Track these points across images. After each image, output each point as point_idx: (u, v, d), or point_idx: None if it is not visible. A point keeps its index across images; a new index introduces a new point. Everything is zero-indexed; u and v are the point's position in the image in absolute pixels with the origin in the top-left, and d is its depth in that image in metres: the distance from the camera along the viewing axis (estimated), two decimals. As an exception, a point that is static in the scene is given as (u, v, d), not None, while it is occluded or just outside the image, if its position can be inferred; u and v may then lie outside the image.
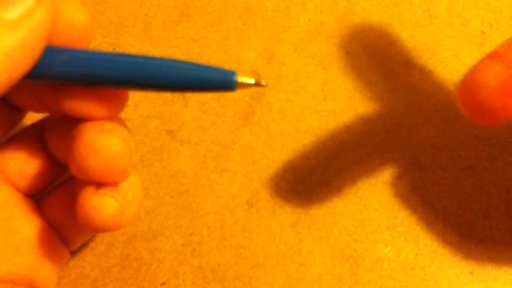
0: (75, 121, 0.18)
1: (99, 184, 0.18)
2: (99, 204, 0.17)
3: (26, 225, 0.20)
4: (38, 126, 0.21)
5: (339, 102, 0.28)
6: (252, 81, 0.17)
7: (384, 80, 0.29)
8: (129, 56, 0.17)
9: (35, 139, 0.20)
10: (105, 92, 0.17)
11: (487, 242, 0.25)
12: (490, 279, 0.24)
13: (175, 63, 0.16)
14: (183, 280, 0.24)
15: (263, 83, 0.17)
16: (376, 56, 0.29)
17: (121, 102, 0.18)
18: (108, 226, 0.17)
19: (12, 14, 0.14)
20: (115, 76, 0.16)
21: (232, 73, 0.17)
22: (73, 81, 0.17)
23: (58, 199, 0.21)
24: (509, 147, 0.27)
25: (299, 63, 0.29)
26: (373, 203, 0.26)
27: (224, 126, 0.27)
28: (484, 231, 0.25)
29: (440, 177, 0.26)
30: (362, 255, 0.25)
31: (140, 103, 0.28)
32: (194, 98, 0.28)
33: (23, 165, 0.20)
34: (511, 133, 0.27)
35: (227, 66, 0.29)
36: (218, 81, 0.17)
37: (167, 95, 0.28)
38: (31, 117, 0.22)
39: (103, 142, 0.17)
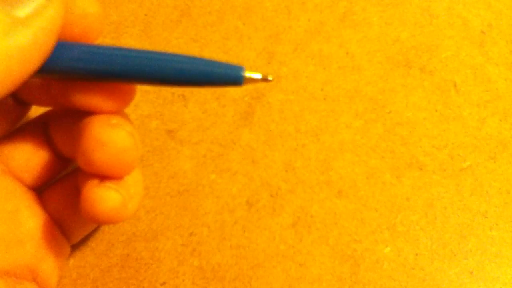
0: (81, 115, 0.18)
1: (104, 177, 0.18)
2: (103, 197, 0.17)
3: (30, 217, 0.20)
4: (42, 120, 0.21)
5: (339, 102, 0.28)
6: (259, 76, 0.17)
7: (384, 80, 0.29)
8: (137, 51, 0.17)
9: (40, 133, 0.21)
10: (113, 86, 0.18)
11: (487, 242, 0.25)
12: (490, 279, 0.24)
13: (184, 58, 0.17)
14: (183, 280, 0.24)
15: (269, 78, 0.17)
16: (376, 56, 0.29)
17: (128, 96, 0.18)
18: (111, 218, 0.17)
19: (23, 12, 0.15)
20: (124, 71, 0.16)
21: (240, 69, 0.17)
22: (83, 76, 0.17)
23: (60, 192, 0.21)
24: (509, 147, 0.27)
25: (299, 63, 0.29)
26: (373, 203, 0.26)
27: (224, 126, 0.27)
28: (484, 231, 0.25)
29: (440, 177, 0.26)
30: (362, 255, 0.25)
31: (140, 103, 0.28)
32: (194, 98, 0.28)
33: (28, 158, 0.20)
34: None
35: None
36: (227, 76, 0.17)
37: (167, 95, 0.28)
38: (35, 111, 0.22)
39: (110, 136, 0.17)
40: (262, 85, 0.28)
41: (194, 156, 0.27)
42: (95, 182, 0.18)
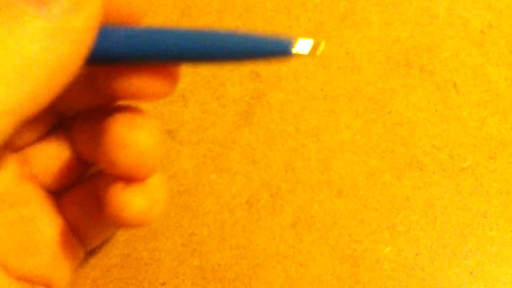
0: (104, 116, 0.18)
1: (127, 179, 0.18)
2: (129, 202, 0.17)
3: (47, 224, 0.20)
4: (66, 123, 0.21)
5: (339, 102, 0.28)
6: (308, 49, 0.17)
7: (384, 80, 0.29)
8: (185, 30, 0.17)
9: (63, 136, 0.21)
10: (159, 69, 0.17)
11: (487, 242, 0.25)
12: (490, 279, 0.24)
13: (232, 34, 0.17)
14: (183, 280, 0.24)
15: (318, 52, 0.17)
16: (376, 56, 0.29)
17: (174, 78, 0.18)
18: (137, 223, 0.17)
19: (61, 13, 0.14)
20: (176, 51, 0.16)
21: (289, 42, 0.17)
22: (134, 60, 0.17)
23: (79, 197, 0.21)
24: (509, 147, 0.27)
25: (299, 63, 0.29)
26: (373, 203, 0.26)
27: (224, 126, 0.27)
28: (484, 231, 0.25)
29: (440, 177, 0.26)
30: (362, 255, 0.25)
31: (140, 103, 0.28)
32: (194, 98, 0.28)
33: (50, 161, 0.20)
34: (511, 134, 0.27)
35: (227, 66, 0.29)
36: (275, 51, 0.17)
37: (167, 95, 0.28)
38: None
39: (134, 137, 0.17)
40: (262, 85, 0.28)
41: (194, 156, 0.27)
42: (120, 186, 0.17)
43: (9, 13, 0.14)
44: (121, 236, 0.25)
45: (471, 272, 0.24)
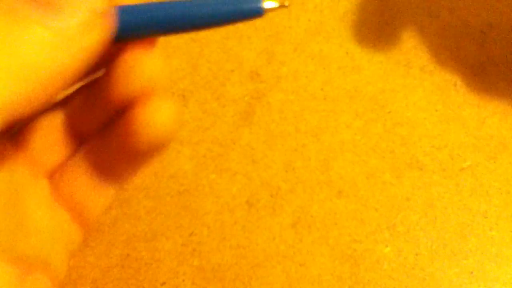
0: (100, 90, 0.18)
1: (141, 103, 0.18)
2: (152, 112, 0.18)
3: (41, 207, 0.20)
4: (62, 104, 0.21)
5: (339, 102, 0.28)
6: (277, 4, 0.18)
7: (384, 80, 0.29)
8: (159, 3, 0.18)
9: (59, 114, 0.21)
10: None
11: (487, 242, 0.25)
12: (490, 279, 0.24)
13: (205, 3, 0.18)
14: (183, 280, 0.24)
15: (286, 3, 0.18)
16: (376, 56, 0.29)
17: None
18: (164, 134, 0.18)
19: (69, 25, 0.15)
20: (168, 24, 0.17)
21: (258, 1, 0.18)
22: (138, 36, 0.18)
23: (71, 173, 0.21)
24: (509, 147, 0.27)
25: (299, 63, 0.29)
26: (373, 203, 0.26)
27: (224, 126, 0.27)
28: (484, 231, 0.25)
29: (440, 177, 0.26)
30: (362, 255, 0.25)
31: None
32: (194, 98, 0.28)
33: (46, 138, 0.20)
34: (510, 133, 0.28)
35: (227, 66, 0.29)
36: (247, 12, 0.18)
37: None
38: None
39: (140, 59, 0.18)
40: (262, 85, 0.28)
41: (194, 156, 0.27)
42: (137, 107, 0.18)
43: (14, 17, 0.14)
44: (121, 236, 0.25)
45: (471, 272, 0.24)
